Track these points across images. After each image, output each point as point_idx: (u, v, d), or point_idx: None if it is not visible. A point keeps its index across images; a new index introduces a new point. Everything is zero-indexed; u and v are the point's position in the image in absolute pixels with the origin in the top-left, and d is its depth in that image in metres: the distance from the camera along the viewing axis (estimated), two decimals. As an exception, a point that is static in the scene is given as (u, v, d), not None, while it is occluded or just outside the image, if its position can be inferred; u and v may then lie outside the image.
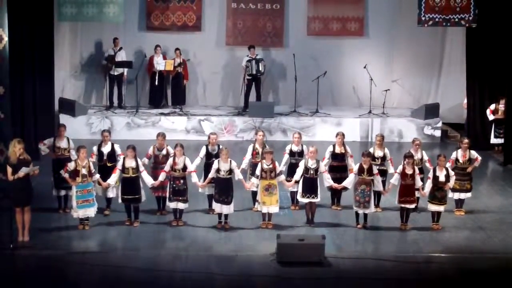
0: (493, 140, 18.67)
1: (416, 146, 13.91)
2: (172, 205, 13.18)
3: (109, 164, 13.58)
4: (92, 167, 12.99)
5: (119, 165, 13.09)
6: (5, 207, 12.35)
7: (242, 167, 13.67)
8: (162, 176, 13.15)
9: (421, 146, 14.07)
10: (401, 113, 20.55)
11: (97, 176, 13.07)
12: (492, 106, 18.54)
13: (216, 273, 11.33)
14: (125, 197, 13.10)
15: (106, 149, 13.66)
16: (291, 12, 21.16)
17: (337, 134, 14.21)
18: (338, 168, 14.01)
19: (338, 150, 14.05)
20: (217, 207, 13.09)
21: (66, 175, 12.85)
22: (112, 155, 13.65)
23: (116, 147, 13.74)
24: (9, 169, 12.12)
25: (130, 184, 13.05)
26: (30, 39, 16.74)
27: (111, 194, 13.57)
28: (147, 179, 13.15)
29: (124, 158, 13.07)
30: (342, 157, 14.06)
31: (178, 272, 11.39)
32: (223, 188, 12.99)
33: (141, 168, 13.12)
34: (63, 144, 13.79)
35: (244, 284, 11.14)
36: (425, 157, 14.00)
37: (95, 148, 13.69)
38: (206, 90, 21.39)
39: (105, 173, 13.32)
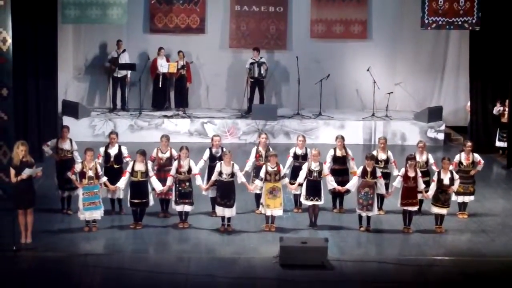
0: (498, 143, 18.61)
1: (420, 149, 13.90)
2: (178, 208, 13.17)
3: (115, 166, 13.60)
4: (99, 170, 12.98)
5: (128, 168, 13.08)
6: (7, 209, 12.35)
7: (245, 170, 13.67)
8: (169, 181, 13.11)
9: (425, 148, 14.06)
10: (404, 116, 20.54)
11: (104, 178, 13.04)
12: (501, 109, 18.44)
13: (218, 276, 11.31)
14: (133, 201, 13.08)
15: (113, 151, 13.66)
16: (295, 15, 21.18)
17: (337, 138, 14.19)
18: (340, 171, 13.96)
19: (339, 153, 14.02)
20: (219, 210, 13.08)
21: (73, 177, 12.86)
22: (119, 157, 13.66)
23: (123, 149, 13.75)
24: (12, 171, 12.13)
25: (138, 188, 13.02)
26: (34, 41, 16.73)
27: (121, 195, 13.57)
28: (156, 185, 13.09)
29: (134, 162, 13.06)
30: (344, 160, 14.03)
31: (181, 275, 11.37)
32: (225, 191, 12.98)
33: (151, 173, 13.08)
34: (66, 145, 13.78)
35: (247, 287, 11.13)
36: (431, 160, 13.96)
37: (102, 150, 13.69)
38: (209, 92, 21.38)
39: (112, 175, 13.31)
